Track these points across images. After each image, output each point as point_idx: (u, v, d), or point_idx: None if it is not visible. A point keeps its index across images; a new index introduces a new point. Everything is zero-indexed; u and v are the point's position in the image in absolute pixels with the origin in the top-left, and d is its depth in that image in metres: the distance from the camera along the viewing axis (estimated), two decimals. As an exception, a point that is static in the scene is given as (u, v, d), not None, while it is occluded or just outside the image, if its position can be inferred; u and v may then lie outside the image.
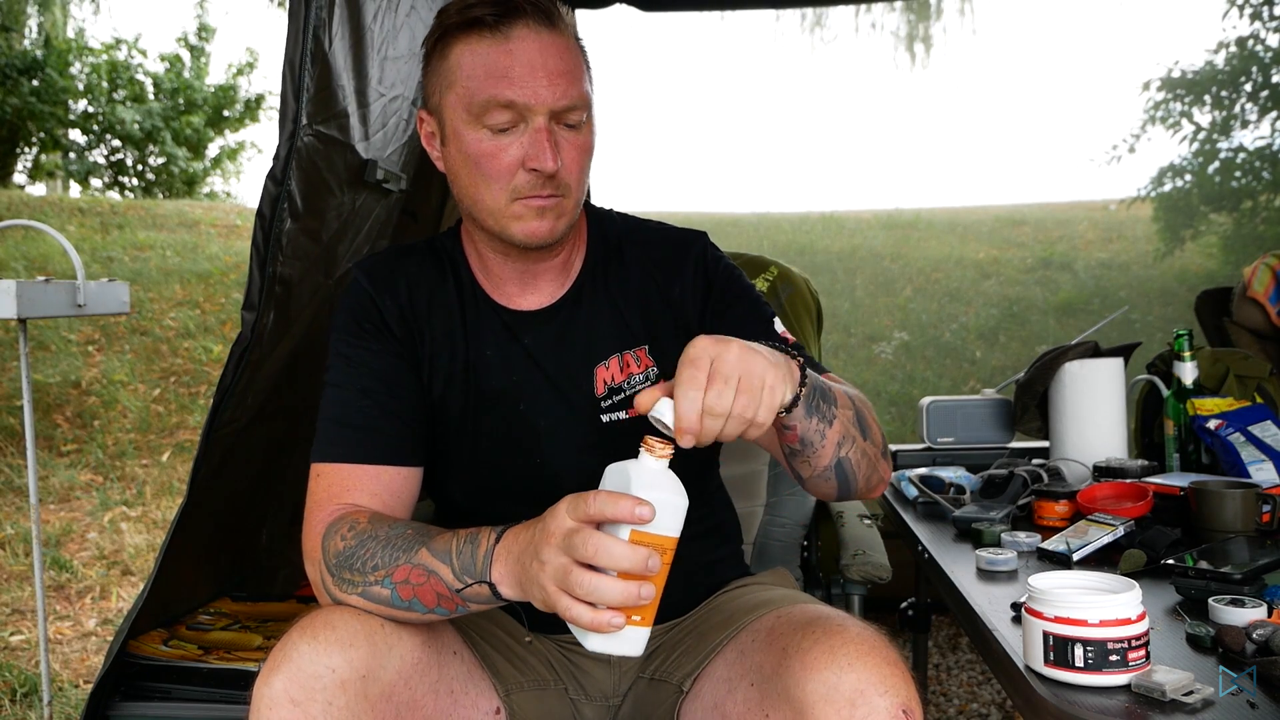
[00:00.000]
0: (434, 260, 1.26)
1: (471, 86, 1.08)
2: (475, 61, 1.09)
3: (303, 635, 0.97)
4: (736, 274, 1.29)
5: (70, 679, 2.61)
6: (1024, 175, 29.03)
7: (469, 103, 1.09)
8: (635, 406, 0.92)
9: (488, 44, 1.09)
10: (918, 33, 10.66)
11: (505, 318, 1.23)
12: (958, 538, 1.54)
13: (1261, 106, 7.80)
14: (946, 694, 2.56)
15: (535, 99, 1.08)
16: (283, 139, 1.58)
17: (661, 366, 1.25)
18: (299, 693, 0.93)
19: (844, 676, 0.93)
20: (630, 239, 1.29)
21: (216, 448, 1.69)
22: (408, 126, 2.05)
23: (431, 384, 1.22)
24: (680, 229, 1.32)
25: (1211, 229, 8.13)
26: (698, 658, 1.19)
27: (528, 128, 1.09)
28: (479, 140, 1.10)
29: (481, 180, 1.11)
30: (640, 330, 1.24)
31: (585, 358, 1.22)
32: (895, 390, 6.11)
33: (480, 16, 1.09)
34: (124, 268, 6.87)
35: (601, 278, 1.26)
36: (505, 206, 1.12)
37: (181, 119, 10.66)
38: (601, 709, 1.25)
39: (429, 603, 1.00)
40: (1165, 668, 0.91)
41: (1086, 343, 1.94)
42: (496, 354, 1.22)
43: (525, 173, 1.10)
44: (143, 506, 4.16)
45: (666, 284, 1.26)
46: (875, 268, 8.55)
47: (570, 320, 1.23)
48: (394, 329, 1.20)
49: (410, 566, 1.00)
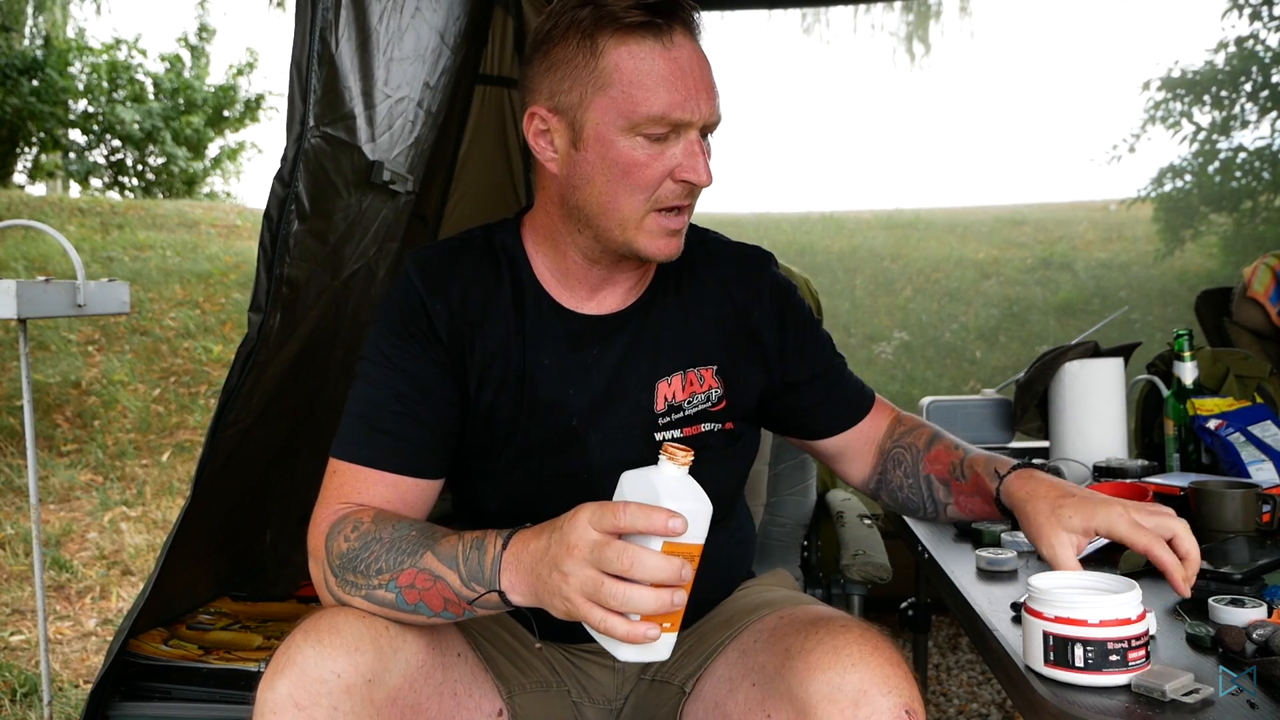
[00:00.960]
0: (490, 259, 1.20)
1: (634, 93, 1.04)
2: (639, 67, 1.04)
3: (307, 639, 0.96)
4: (802, 303, 1.29)
5: (70, 679, 2.61)
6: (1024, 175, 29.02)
7: (629, 110, 1.05)
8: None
9: (650, 49, 1.05)
10: (917, 33, 10.66)
11: (570, 324, 1.18)
12: (958, 538, 1.54)
13: (1261, 106, 7.80)
14: (946, 694, 2.56)
15: (697, 114, 1.06)
16: (290, 141, 1.58)
17: (729, 390, 1.22)
18: (304, 697, 0.93)
19: (847, 676, 0.93)
20: (699, 248, 1.25)
21: (221, 448, 1.69)
22: (414, 128, 2.05)
23: (480, 393, 1.17)
24: (747, 245, 1.30)
25: (1211, 229, 8.13)
26: (699, 659, 1.19)
27: (680, 139, 1.07)
28: (632, 148, 1.06)
29: (625, 188, 1.08)
30: (713, 348, 1.21)
31: (650, 371, 1.19)
32: (895, 390, 6.10)
33: (647, 20, 1.04)
34: (124, 268, 6.87)
35: (674, 286, 1.22)
36: (641, 217, 1.09)
37: (181, 119, 10.66)
38: (604, 711, 1.25)
39: (435, 607, 0.99)
40: (1165, 668, 0.91)
41: (1086, 343, 1.94)
42: (554, 363, 1.17)
43: (674, 184, 1.08)
44: (143, 506, 4.16)
45: (746, 305, 1.24)
46: (875, 268, 8.55)
47: (639, 330, 1.19)
48: (442, 336, 1.14)
49: (416, 571, 0.98)
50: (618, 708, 1.25)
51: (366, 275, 2.04)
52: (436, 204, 2.71)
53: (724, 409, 1.22)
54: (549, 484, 1.19)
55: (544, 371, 1.17)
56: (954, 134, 23.29)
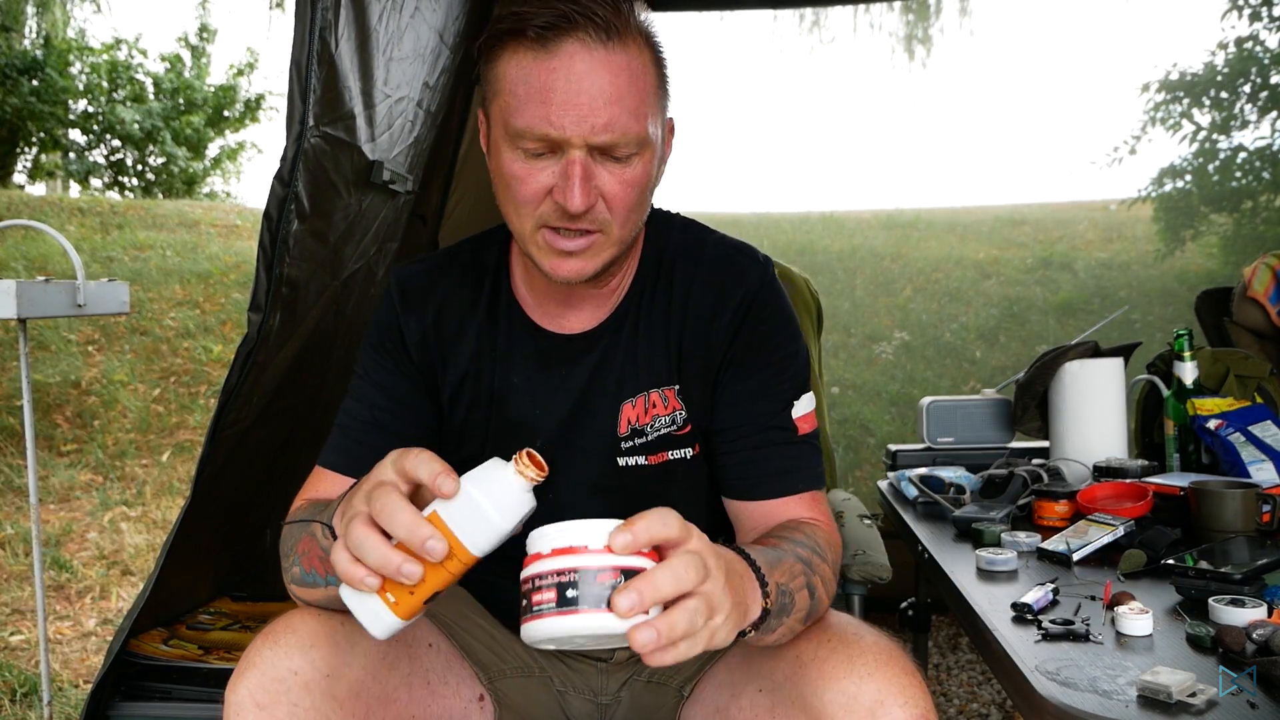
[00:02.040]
0: (473, 277, 1.18)
1: (511, 104, 0.99)
2: (517, 76, 0.98)
3: (265, 641, 0.98)
4: (777, 331, 1.15)
5: (70, 679, 2.61)
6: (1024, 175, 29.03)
7: (506, 121, 1.00)
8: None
9: (531, 58, 0.97)
10: (916, 33, 10.66)
11: (541, 343, 1.16)
12: (958, 538, 1.54)
13: (1261, 107, 7.80)
14: (946, 694, 2.56)
15: (569, 131, 0.96)
16: (290, 140, 1.58)
17: (693, 411, 1.16)
18: (264, 697, 0.95)
19: (864, 686, 0.93)
20: (685, 258, 1.17)
21: (221, 448, 1.69)
22: (414, 128, 2.05)
23: (453, 411, 1.18)
24: (743, 252, 1.18)
25: (1211, 229, 8.12)
26: (698, 662, 1.18)
27: (562, 157, 0.99)
28: (512, 160, 1.01)
29: (510, 202, 1.03)
30: (675, 366, 1.15)
31: (615, 392, 1.15)
32: (895, 390, 6.10)
33: (526, 26, 0.97)
34: (124, 268, 6.87)
35: (648, 302, 1.16)
36: (532, 234, 1.03)
37: (182, 119, 10.66)
38: (590, 704, 1.25)
39: (320, 571, 0.97)
40: (1168, 669, 0.91)
41: (1086, 343, 1.94)
42: (524, 382, 1.16)
43: (552, 202, 1.00)
44: (143, 506, 4.16)
45: (711, 317, 1.14)
46: (875, 268, 8.54)
47: (610, 349, 1.15)
48: (412, 354, 1.16)
49: (307, 536, 1.00)
50: (606, 705, 1.25)
51: (366, 275, 2.03)
52: (436, 204, 2.71)
53: (690, 432, 1.16)
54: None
55: (514, 391, 1.16)
56: (954, 134, 23.31)
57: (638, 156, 1.01)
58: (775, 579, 0.93)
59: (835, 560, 1.09)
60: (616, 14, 0.98)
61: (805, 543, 1.04)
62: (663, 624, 0.73)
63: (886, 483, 2.03)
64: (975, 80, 27.22)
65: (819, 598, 1.02)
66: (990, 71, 29.63)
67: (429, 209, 2.63)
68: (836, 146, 25.81)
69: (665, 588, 0.74)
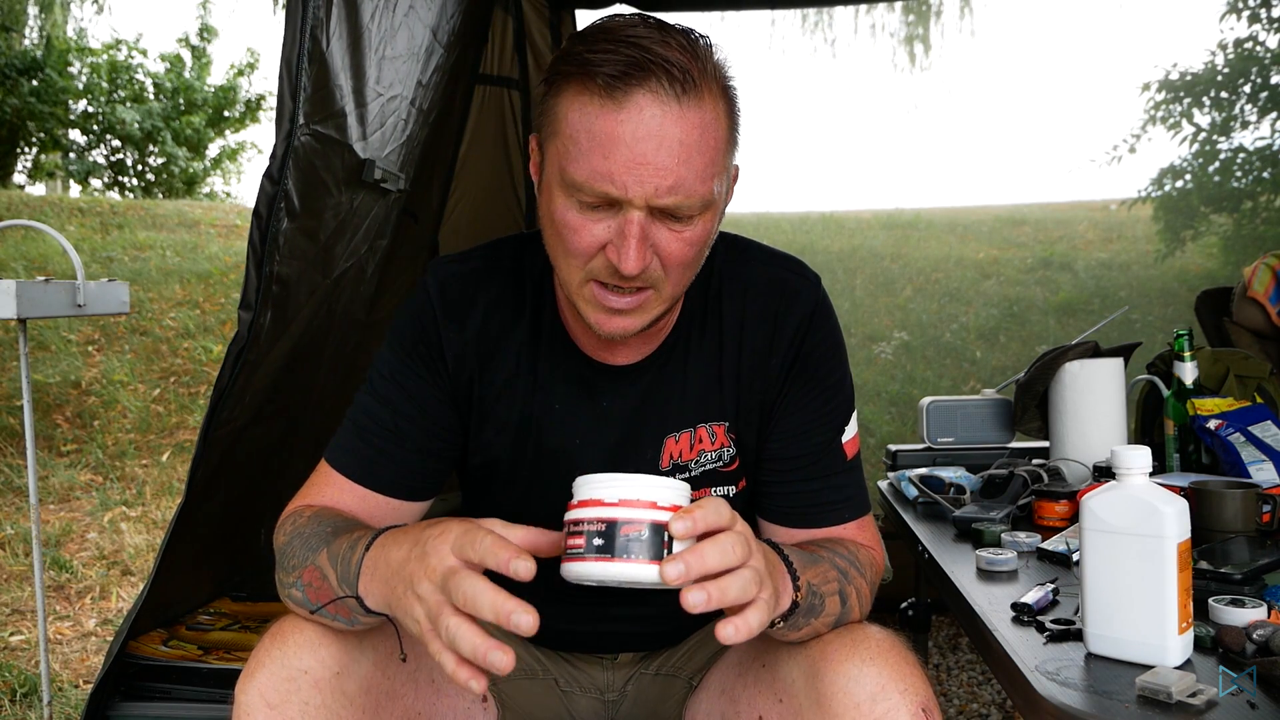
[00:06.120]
0: (516, 284, 1.12)
1: (571, 151, 0.92)
2: (579, 123, 0.91)
3: (274, 640, 0.98)
4: (830, 357, 1.13)
5: (70, 679, 2.61)
6: (1024, 175, 29.08)
7: (563, 167, 0.93)
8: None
9: (597, 106, 0.90)
10: (917, 34, 10.66)
11: (585, 370, 1.11)
12: (958, 538, 1.54)
13: (1261, 107, 7.80)
14: (946, 694, 2.55)
15: (631, 192, 0.90)
16: (279, 138, 1.58)
17: (743, 448, 1.13)
18: (274, 695, 0.95)
19: (865, 670, 0.94)
20: (733, 283, 1.12)
21: (215, 448, 1.69)
22: (406, 127, 2.05)
23: (481, 430, 1.12)
24: (793, 271, 1.14)
25: (1211, 229, 8.12)
26: (709, 652, 1.20)
27: (620, 214, 0.92)
28: (566, 209, 0.94)
29: (559, 247, 0.97)
30: (728, 402, 1.11)
31: (659, 425, 1.11)
32: (895, 390, 6.10)
33: (595, 72, 0.90)
34: (124, 268, 6.87)
35: (698, 332, 1.11)
36: (579, 286, 0.98)
37: (182, 119, 10.67)
38: (596, 702, 1.25)
39: (331, 610, 0.96)
40: (1169, 669, 0.91)
41: (1086, 343, 1.94)
42: (565, 409, 1.11)
43: (605, 259, 0.94)
44: (143, 506, 4.16)
45: (766, 351, 1.10)
46: (875, 268, 8.54)
47: (656, 381, 1.11)
48: (449, 365, 1.09)
49: (313, 567, 0.97)
50: (613, 699, 1.25)
51: (357, 273, 2.03)
52: (436, 203, 2.71)
53: (737, 468, 1.14)
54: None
55: (552, 416, 1.11)
56: (954, 134, 23.32)
57: (699, 217, 0.96)
58: (807, 577, 0.95)
59: (874, 579, 1.10)
60: (693, 60, 0.91)
61: (845, 555, 1.05)
62: (714, 587, 0.78)
63: (886, 483, 2.02)
64: (975, 80, 27.27)
65: (850, 605, 1.02)
66: (991, 72, 29.71)
67: (426, 208, 2.63)
68: (836, 146, 25.84)
69: (711, 561, 0.78)
